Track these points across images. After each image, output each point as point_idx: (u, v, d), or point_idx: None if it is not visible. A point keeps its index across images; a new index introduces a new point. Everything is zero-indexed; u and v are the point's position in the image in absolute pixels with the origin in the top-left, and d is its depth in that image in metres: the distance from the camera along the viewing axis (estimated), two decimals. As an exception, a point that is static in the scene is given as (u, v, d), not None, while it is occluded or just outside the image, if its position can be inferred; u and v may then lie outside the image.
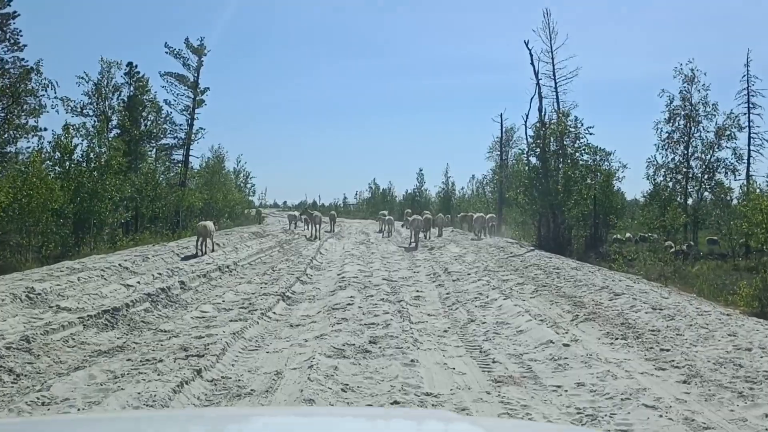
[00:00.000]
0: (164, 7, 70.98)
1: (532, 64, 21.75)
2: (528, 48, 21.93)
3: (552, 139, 21.28)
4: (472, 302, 9.73)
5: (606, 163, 26.50)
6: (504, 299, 9.60)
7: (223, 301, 9.50)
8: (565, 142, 21.10)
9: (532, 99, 22.56)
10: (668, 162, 29.71)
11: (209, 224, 16.33)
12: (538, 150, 21.75)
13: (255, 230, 25.61)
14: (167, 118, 28.35)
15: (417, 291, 11.07)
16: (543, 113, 21.63)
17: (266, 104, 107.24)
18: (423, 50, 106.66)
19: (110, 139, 21.40)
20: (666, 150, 29.79)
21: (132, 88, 25.43)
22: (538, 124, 21.70)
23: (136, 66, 25.36)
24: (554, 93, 22.94)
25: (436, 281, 12.30)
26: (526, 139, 22.77)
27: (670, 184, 29.89)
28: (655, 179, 29.59)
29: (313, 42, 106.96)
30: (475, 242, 20.77)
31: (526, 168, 22.70)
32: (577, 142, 21.09)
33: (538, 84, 21.70)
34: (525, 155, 22.13)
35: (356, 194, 58.29)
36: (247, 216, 42.76)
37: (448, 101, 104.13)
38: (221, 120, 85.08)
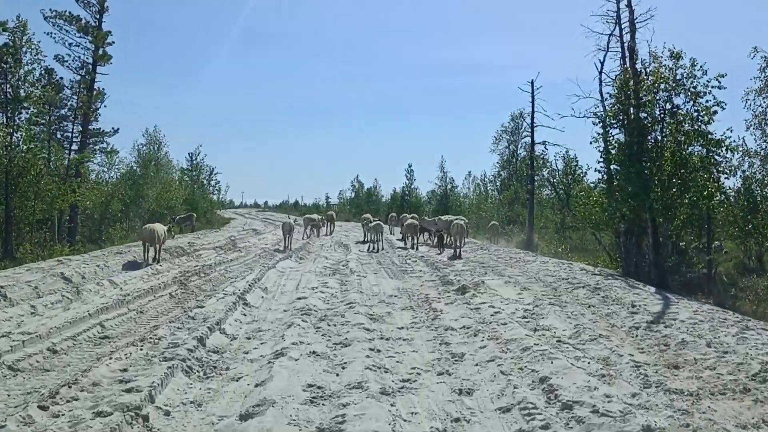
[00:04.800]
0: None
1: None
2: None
3: (651, 98, 12.65)
4: None
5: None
6: None
7: None
8: (676, 102, 12.47)
9: (610, 36, 14.07)
10: (763, 147, 21.64)
11: (158, 228, 13.06)
12: (624, 117, 13.19)
13: (177, 244, 16.84)
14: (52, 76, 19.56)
15: None
16: (635, 56, 12.93)
17: (251, 104, 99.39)
18: (411, 52, 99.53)
19: None
20: (760, 130, 21.70)
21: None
22: (624, 75, 13.08)
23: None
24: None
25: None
26: (602, 101, 14.16)
27: (760, 176, 21.86)
28: (741, 169, 21.50)
29: (300, 44, 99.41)
30: (539, 277, 12.11)
31: (601, 148, 13.95)
32: (697, 102, 12.39)
33: (629, 4, 12.98)
34: (600, 125, 13.43)
35: (339, 193, 50.28)
36: (210, 218, 34.09)
37: (438, 102, 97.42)
38: (201, 117, 76.99)
